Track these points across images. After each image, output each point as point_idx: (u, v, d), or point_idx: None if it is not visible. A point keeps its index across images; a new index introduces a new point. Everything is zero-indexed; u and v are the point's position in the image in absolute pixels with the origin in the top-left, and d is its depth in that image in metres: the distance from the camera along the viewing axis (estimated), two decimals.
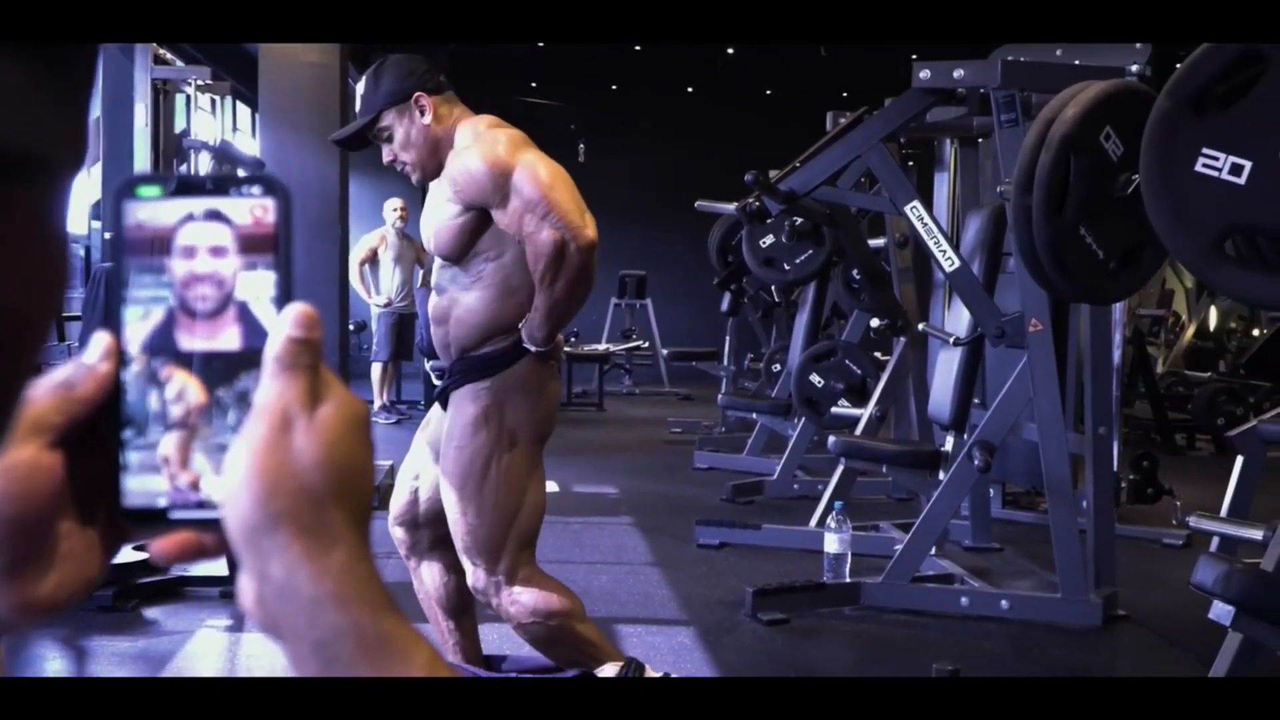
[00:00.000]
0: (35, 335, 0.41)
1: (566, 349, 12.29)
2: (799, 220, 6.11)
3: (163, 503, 0.52)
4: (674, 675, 3.39)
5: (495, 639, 3.74)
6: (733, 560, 4.99)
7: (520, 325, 2.65)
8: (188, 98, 7.53)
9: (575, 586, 4.42)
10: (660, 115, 14.14)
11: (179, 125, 7.11)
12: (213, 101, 9.47)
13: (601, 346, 11.79)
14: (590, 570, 4.79)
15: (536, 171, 2.56)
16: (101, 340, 0.52)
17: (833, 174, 4.75)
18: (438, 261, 2.78)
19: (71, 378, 0.52)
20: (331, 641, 0.49)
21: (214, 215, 0.52)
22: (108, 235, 5.95)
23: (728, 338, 9.29)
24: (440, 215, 2.68)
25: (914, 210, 4.24)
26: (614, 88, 13.91)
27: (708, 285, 8.49)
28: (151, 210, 0.52)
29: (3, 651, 1.95)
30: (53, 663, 3.50)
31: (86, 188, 7.46)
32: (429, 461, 2.90)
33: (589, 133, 13.96)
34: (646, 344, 12.14)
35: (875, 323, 6.03)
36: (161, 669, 3.43)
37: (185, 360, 0.52)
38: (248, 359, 0.52)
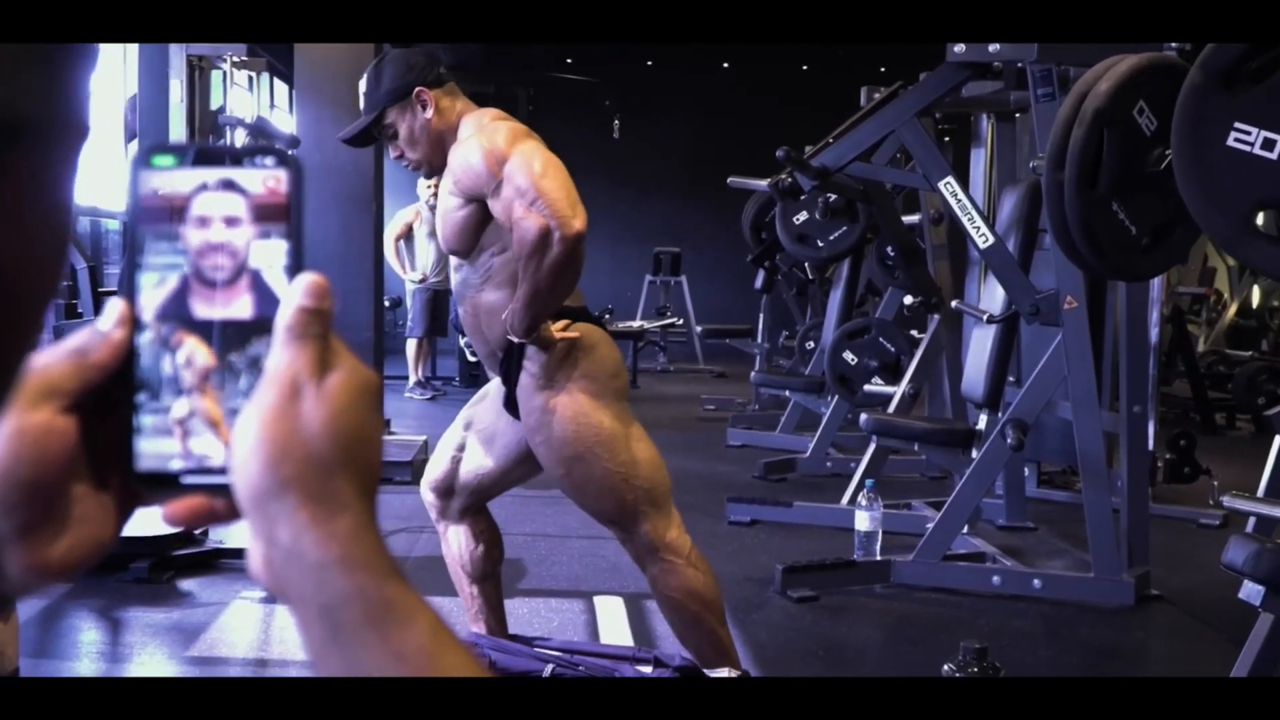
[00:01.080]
0: (34, 304, 0.41)
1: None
2: (833, 197, 6.08)
3: (175, 466, 0.53)
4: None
5: (525, 613, 3.77)
6: (764, 537, 5.00)
7: (503, 316, 2.65)
8: (224, 74, 7.56)
9: (604, 562, 4.49)
10: (696, 91, 14.06)
11: (215, 102, 7.16)
12: (250, 78, 9.50)
13: (636, 323, 11.79)
14: (620, 546, 4.80)
15: (531, 161, 2.54)
16: (116, 307, 0.53)
17: (867, 150, 4.73)
18: (452, 264, 2.80)
19: (86, 344, 0.52)
20: (337, 606, 0.49)
21: (228, 185, 0.53)
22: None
23: (761, 315, 9.28)
24: (445, 207, 2.71)
25: (948, 186, 4.21)
26: (649, 64, 13.85)
27: (743, 262, 8.47)
28: (166, 179, 0.53)
29: (16, 628, 1.97)
30: (88, 633, 3.56)
31: (125, 163, 7.53)
32: (476, 442, 2.92)
33: (624, 109, 13.92)
34: (681, 321, 12.13)
35: (908, 300, 6.00)
36: (195, 640, 3.49)
37: (198, 327, 0.53)
38: (260, 326, 0.52)
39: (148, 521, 0.56)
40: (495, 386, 2.91)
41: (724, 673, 2.74)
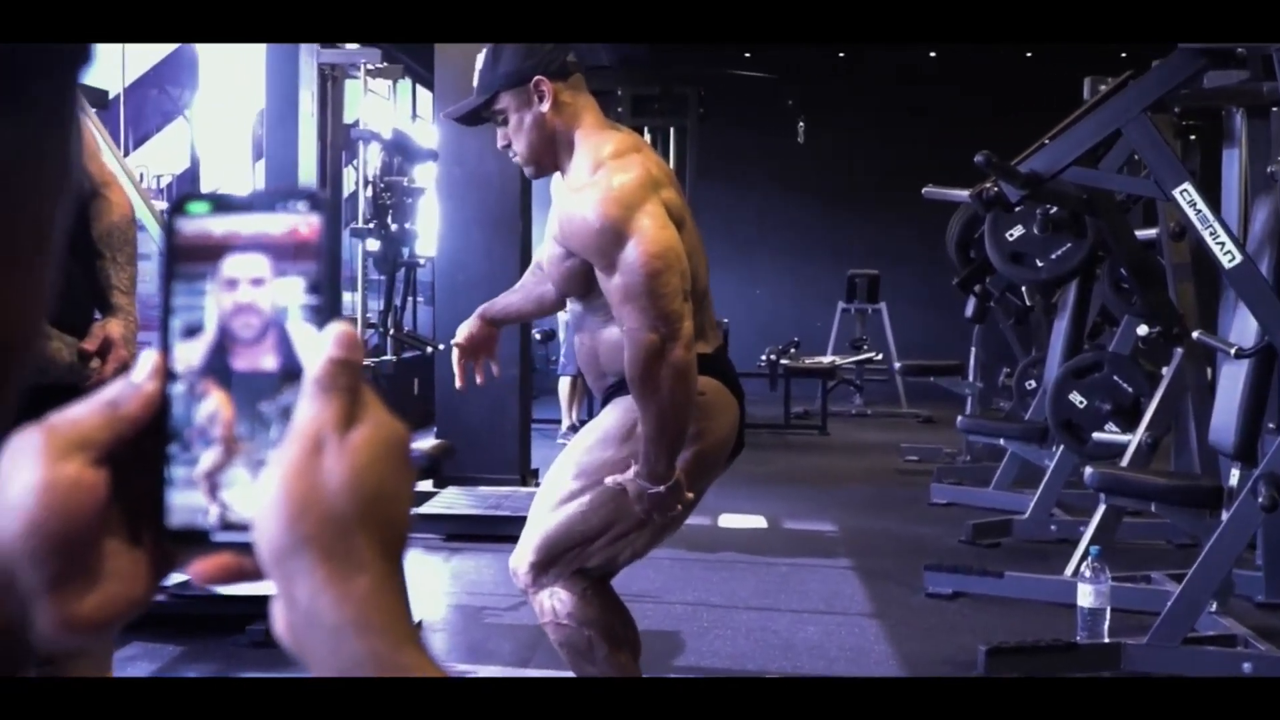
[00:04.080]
0: (23, 351, 0.49)
1: (785, 361, 12.19)
2: (1053, 208, 5.99)
3: (205, 523, 0.60)
4: None
5: None
6: (967, 613, 4.95)
7: (631, 470, 2.70)
8: (361, 83, 7.87)
9: (775, 638, 4.52)
10: (896, 84, 13.86)
11: (351, 114, 7.47)
12: (391, 86, 9.88)
13: (826, 359, 11.77)
14: (795, 620, 4.83)
15: (646, 249, 2.59)
16: (149, 359, 0.61)
17: (1090, 152, 4.68)
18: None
19: (118, 396, 0.59)
20: (350, 670, 0.55)
21: (253, 246, 0.60)
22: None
23: (973, 349, 9.16)
24: (551, 251, 2.78)
25: (1185, 194, 4.13)
26: (840, 55, 13.80)
27: (952, 286, 8.40)
28: (199, 227, 0.61)
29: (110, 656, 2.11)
30: None
31: (248, 184, 7.95)
32: None
33: (810, 110, 13.89)
34: (880, 356, 12.04)
35: (1143, 330, 5.87)
36: None
37: (229, 378, 0.60)
38: (288, 376, 0.60)
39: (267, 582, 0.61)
40: None
41: None
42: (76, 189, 1.85)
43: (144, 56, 7.27)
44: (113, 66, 6.64)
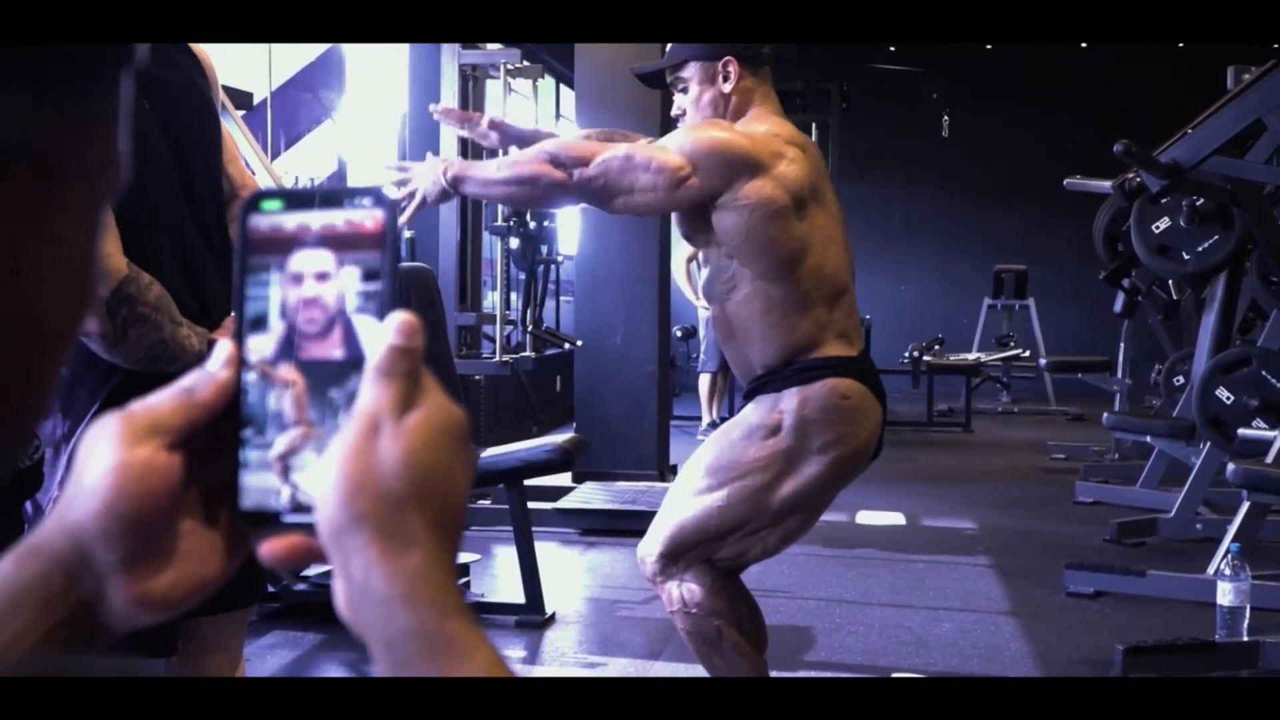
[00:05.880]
0: (60, 342, 0.53)
1: (928, 358, 12.14)
2: (1199, 200, 5.90)
3: (276, 504, 0.64)
4: None
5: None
6: (1108, 612, 4.92)
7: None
8: (502, 83, 8.03)
9: (908, 635, 4.55)
10: (1043, 78, 13.60)
11: (492, 113, 7.64)
12: (534, 86, 10.04)
13: (972, 356, 11.66)
14: (930, 617, 4.85)
15: (700, 134, 2.81)
16: (224, 348, 0.65)
17: (1235, 142, 4.62)
18: (700, 263, 2.99)
19: (193, 384, 0.64)
20: (399, 641, 0.58)
21: (321, 241, 0.66)
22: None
23: (1122, 344, 9.03)
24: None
25: None
26: (987, 48, 13.64)
27: (1100, 280, 8.29)
28: (271, 223, 0.66)
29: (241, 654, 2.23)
30: None
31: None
32: None
33: (954, 103, 13.75)
34: (1027, 352, 11.89)
35: None
36: None
37: (300, 366, 0.65)
38: (355, 364, 0.64)
39: None
40: None
41: None
42: (218, 190, 2.01)
43: (291, 60, 7.51)
44: (259, 69, 6.87)
